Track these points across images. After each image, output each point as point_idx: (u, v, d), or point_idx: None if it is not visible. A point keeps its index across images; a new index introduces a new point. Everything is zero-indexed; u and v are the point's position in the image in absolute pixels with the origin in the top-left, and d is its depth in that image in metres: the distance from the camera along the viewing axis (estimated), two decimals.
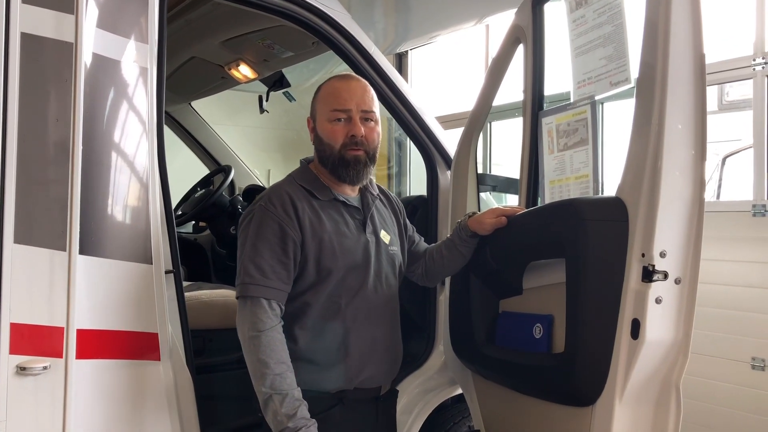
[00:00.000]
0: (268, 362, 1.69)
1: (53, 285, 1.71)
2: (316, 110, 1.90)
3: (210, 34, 3.03)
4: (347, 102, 1.84)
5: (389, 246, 1.97)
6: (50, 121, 1.72)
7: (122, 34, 1.85)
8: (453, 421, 2.60)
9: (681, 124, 1.57)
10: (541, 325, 1.86)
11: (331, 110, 1.85)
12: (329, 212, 1.86)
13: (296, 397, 1.69)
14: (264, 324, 1.72)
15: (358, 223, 1.90)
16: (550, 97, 2.31)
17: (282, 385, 1.68)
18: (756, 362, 3.16)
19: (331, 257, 1.81)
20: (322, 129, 1.88)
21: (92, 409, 1.78)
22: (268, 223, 1.78)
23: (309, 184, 1.88)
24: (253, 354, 1.71)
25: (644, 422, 1.65)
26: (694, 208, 1.57)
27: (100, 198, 1.81)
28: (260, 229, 1.78)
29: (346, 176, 1.87)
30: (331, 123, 1.85)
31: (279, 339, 1.73)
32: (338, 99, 1.85)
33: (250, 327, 1.73)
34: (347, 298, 1.84)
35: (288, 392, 1.68)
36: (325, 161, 1.88)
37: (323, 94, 1.89)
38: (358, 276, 1.86)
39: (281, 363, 1.70)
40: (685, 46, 1.57)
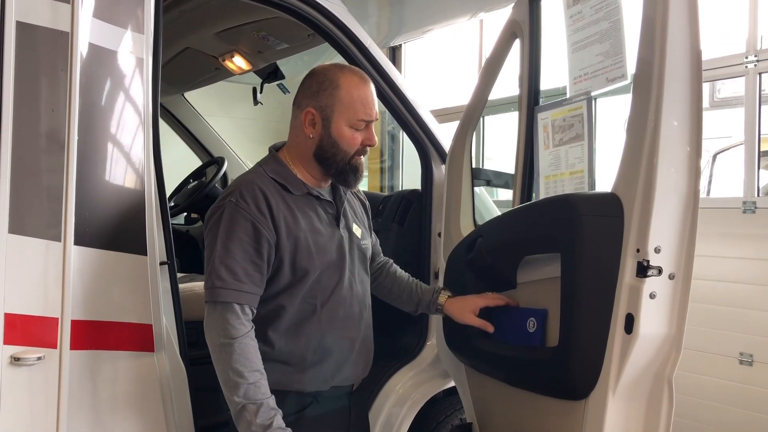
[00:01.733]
0: (242, 371, 1.61)
1: (48, 275, 1.70)
2: (334, 110, 1.75)
3: (204, 25, 3.01)
4: (373, 112, 1.78)
5: (361, 240, 1.91)
6: (46, 111, 1.71)
7: (118, 23, 1.84)
8: (445, 413, 2.61)
9: (677, 121, 1.57)
10: (535, 319, 1.87)
11: (359, 119, 1.76)
12: (303, 208, 1.78)
13: (271, 406, 1.62)
14: (237, 331, 1.63)
15: (331, 218, 1.84)
16: (546, 92, 2.32)
17: (256, 395, 1.61)
18: (744, 357, 3.20)
19: (308, 257, 1.74)
20: (339, 132, 1.76)
21: (86, 400, 1.78)
22: (239, 222, 1.67)
23: (281, 177, 1.78)
24: (225, 362, 1.63)
25: (637, 416, 1.66)
26: (689, 204, 1.57)
27: (96, 189, 1.80)
28: (231, 228, 1.67)
29: (353, 182, 1.82)
30: (351, 130, 1.76)
31: (252, 346, 1.65)
32: (366, 108, 1.77)
33: (221, 334, 1.64)
34: (322, 298, 1.78)
35: (263, 401, 1.61)
36: (333, 164, 1.79)
37: (349, 98, 1.75)
38: (333, 275, 1.80)
39: (255, 371, 1.63)
40: (682, 43, 1.57)
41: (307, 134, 1.79)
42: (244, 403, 1.61)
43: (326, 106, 1.76)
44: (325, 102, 1.76)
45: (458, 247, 2.23)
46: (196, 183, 3.70)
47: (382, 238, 2.69)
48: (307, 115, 1.78)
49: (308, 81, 1.81)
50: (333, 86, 1.76)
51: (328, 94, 1.76)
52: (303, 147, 1.81)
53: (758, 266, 3.17)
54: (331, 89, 1.76)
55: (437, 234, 2.53)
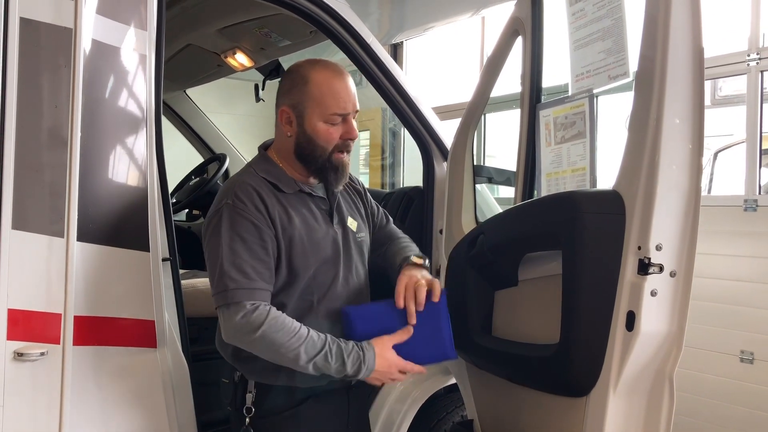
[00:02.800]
0: (290, 343, 1.62)
1: (51, 271, 1.71)
2: (306, 106, 1.74)
3: (206, 22, 3.01)
4: (348, 105, 1.75)
5: (357, 233, 1.90)
6: (49, 107, 1.72)
7: (121, 20, 1.84)
8: (446, 410, 2.62)
9: (679, 119, 1.58)
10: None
11: (332, 113, 1.73)
12: (296, 206, 1.77)
13: (341, 347, 1.66)
14: (260, 318, 1.63)
15: (325, 215, 1.83)
16: (548, 89, 2.32)
17: (317, 346, 1.64)
18: (745, 355, 3.20)
19: (302, 255, 1.73)
20: (313, 128, 1.74)
21: (89, 396, 1.79)
22: (240, 222, 1.67)
23: (272, 176, 1.77)
24: (272, 350, 1.63)
25: (638, 413, 1.66)
26: (691, 202, 1.58)
27: (98, 185, 1.81)
28: (233, 229, 1.67)
29: (333, 180, 1.79)
30: (326, 125, 1.74)
31: (279, 318, 1.65)
32: (339, 101, 1.73)
33: (249, 331, 1.63)
34: (319, 294, 1.77)
35: (325, 350, 1.64)
36: (312, 161, 1.77)
37: (319, 92, 1.73)
38: (329, 271, 1.79)
39: (298, 335, 1.63)
40: (685, 41, 1.57)
41: (285, 133, 1.79)
42: (314, 360, 1.63)
43: (298, 103, 1.75)
44: (297, 99, 1.75)
45: (460, 244, 2.23)
46: (198, 180, 3.71)
47: None
48: (282, 114, 1.78)
49: (283, 79, 1.81)
50: (303, 82, 1.74)
51: (299, 90, 1.75)
52: (285, 146, 1.81)
53: (759, 264, 3.17)
54: (301, 85, 1.75)
55: (439, 231, 2.54)
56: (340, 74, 1.76)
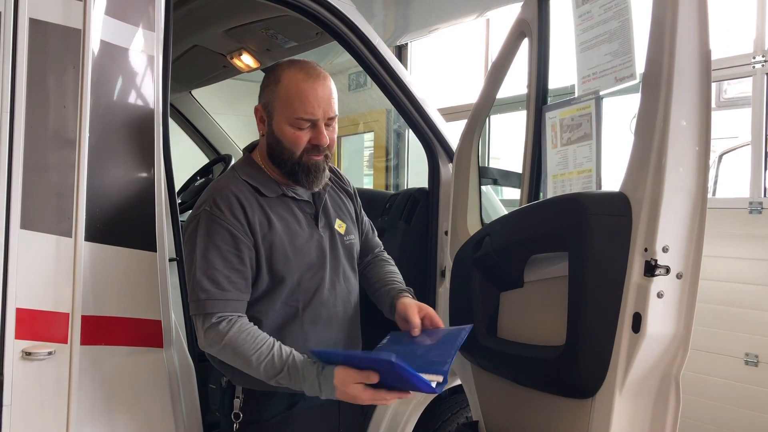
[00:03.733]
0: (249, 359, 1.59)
1: (59, 271, 1.72)
2: (275, 107, 1.69)
3: (213, 23, 3.02)
4: (315, 111, 1.67)
5: (345, 236, 1.86)
6: (57, 107, 1.72)
7: (130, 21, 1.85)
8: (451, 411, 2.62)
9: (686, 121, 1.58)
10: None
11: (296, 117, 1.67)
12: (278, 210, 1.73)
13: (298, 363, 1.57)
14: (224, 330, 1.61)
15: (310, 218, 1.79)
16: (554, 91, 2.32)
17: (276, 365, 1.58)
18: (749, 358, 3.19)
19: (284, 261, 1.70)
20: (281, 131, 1.70)
21: (96, 395, 1.79)
22: (216, 230, 1.64)
23: (254, 179, 1.73)
24: (234, 361, 1.63)
25: (643, 415, 1.66)
26: (697, 204, 1.58)
27: (106, 185, 1.81)
28: (209, 238, 1.64)
29: (305, 182, 1.73)
30: (293, 128, 1.68)
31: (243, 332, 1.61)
32: (305, 106, 1.66)
33: (214, 342, 1.62)
34: (304, 300, 1.74)
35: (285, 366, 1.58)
36: (281, 163, 1.73)
37: (286, 94, 1.67)
38: (314, 276, 1.75)
39: (257, 350, 1.59)
40: (692, 43, 1.58)
41: (260, 132, 1.77)
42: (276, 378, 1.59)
43: (268, 103, 1.72)
44: (268, 99, 1.72)
45: (465, 245, 2.24)
46: (203, 180, 3.71)
47: (388, 236, 2.71)
48: (256, 112, 1.76)
49: (263, 81, 1.78)
50: (275, 82, 1.70)
51: (270, 90, 1.71)
52: (262, 146, 1.79)
53: (764, 267, 3.16)
54: (273, 86, 1.70)
55: (444, 232, 2.54)
56: (314, 78, 1.68)
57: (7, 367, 1.65)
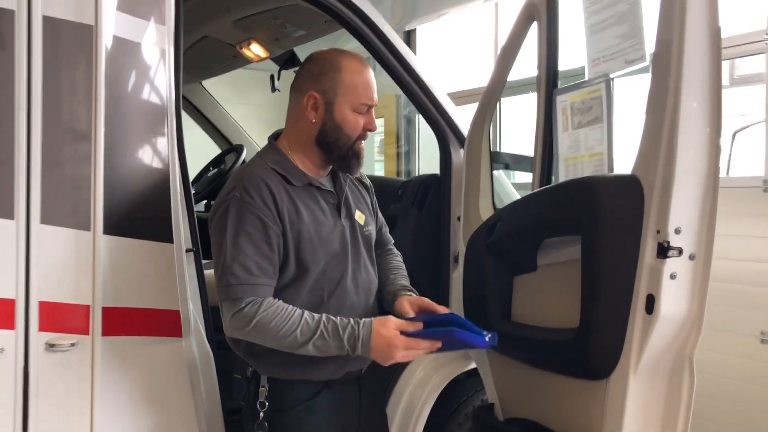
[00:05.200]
0: (283, 330, 1.62)
1: (79, 264, 1.75)
2: (338, 93, 1.74)
3: (222, 14, 3.03)
4: (373, 96, 1.78)
5: (364, 227, 1.89)
6: (72, 103, 1.75)
7: (141, 16, 1.87)
8: (467, 394, 2.64)
9: (696, 101, 1.57)
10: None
11: (362, 102, 1.75)
12: (304, 199, 1.76)
13: (335, 321, 1.63)
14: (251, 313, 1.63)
15: (333, 208, 1.82)
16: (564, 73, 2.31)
17: (312, 328, 1.62)
18: (765, 336, 3.19)
19: (311, 250, 1.73)
20: (342, 116, 1.75)
21: (118, 385, 1.84)
22: (247, 217, 1.66)
23: (282, 168, 1.75)
24: (266, 337, 1.64)
25: (658, 395, 1.67)
26: (709, 185, 1.58)
27: (123, 178, 1.84)
28: (239, 224, 1.66)
29: (355, 167, 1.82)
30: (354, 114, 1.76)
31: (272, 305, 1.64)
32: (368, 92, 1.76)
33: (244, 324, 1.64)
34: (329, 289, 1.77)
35: (320, 330, 1.62)
36: (335, 149, 1.77)
37: (352, 82, 1.74)
38: (338, 265, 1.78)
39: (289, 319, 1.63)
40: (701, 22, 1.56)
41: (309, 119, 1.77)
42: (320, 344, 1.62)
43: (329, 89, 1.74)
44: (327, 85, 1.74)
45: (478, 231, 2.24)
46: (216, 171, 3.74)
47: (401, 223, 2.73)
48: (309, 98, 1.76)
49: (308, 65, 1.81)
50: (335, 70, 1.74)
51: (331, 77, 1.74)
52: (304, 132, 1.79)
53: None
54: (333, 73, 1.74)
55: (457, 218, 2.55)
56: (368, 66, 1.79)
57: (32, 359, 1.70)
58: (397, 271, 2.04)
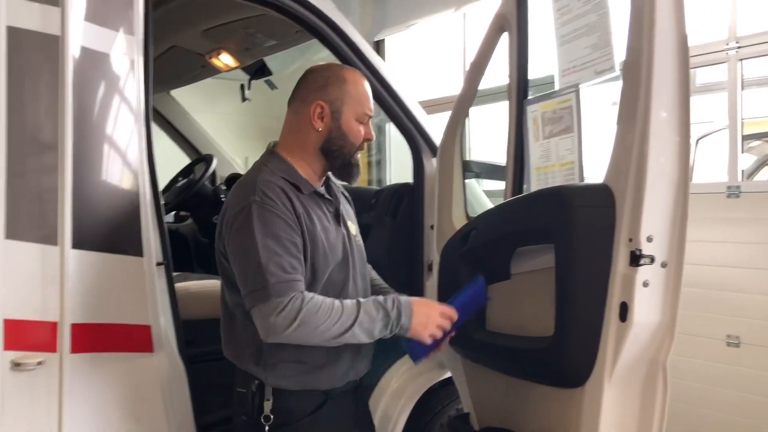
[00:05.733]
0: (329, 318, 1.64)
1: (46, 280, 1.71)
2: (344, 102, 1.80)
3: (191, 23, 3.00)
4: (372, 107, 1.87)
5: (355, 236, 1.94)
6: (39, 115, 1.71)
7: (109, 26, 1.84)
8: (442, 404, 2.64)
9: (666, 111, 1.60)
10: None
11: (364, 112, 1.83)
12: (312, 207, 1.79)
13: (376, 300, 1.72)
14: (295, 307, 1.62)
15: (332, 216, 1.86)
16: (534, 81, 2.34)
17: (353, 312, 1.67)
18: (731, 339, 3.25)
19: (323, 255, 1.76)
20: (348, 125, 1.81)
21: (88, 403, 1.79)
22: (272, 219, 1.67)
23: (289, 176, 1.78)
24: (312, 330, 1.63)
25: (632, 401, 1.69)
26: (680, 193, 1.60)
27: (91, 192, 1.81)
28: (266, 227, 1.66)
29: (355, 176, 1.87)
30: (358, 123, 1.83)
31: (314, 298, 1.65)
32: (369, 102, 1.85)
33: (288, 323, 1.61)
34: (334, 295, 1.77)
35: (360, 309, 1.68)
36: (338, 157, 1.82)
37: (357, 92, 1.82)
38: (341, 272, 1.82)
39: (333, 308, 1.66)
40: (670, 32, 1.59)
41: (316, 127, 1.80)
42: (367, 324, 1.68)
43: (336, 99, 1.80)
44: (334, 95, 1.80)
45: (452, 239, 2.25)
46: (186, 181, 3.69)
47: (375, 232, 2.72)
48: (316, 108, 1.80)
49: (312, 77, 1.85)
50: (341, 80, 1.82)
51: (338, 87, 1.81)
52: (308, 141, 1.82)
53: (743, 250, 3.21)
54: (339, 83, 1.81)
55: (430, 227, 2.55)
56: (366, 79, 1.89)
57: None
58: (380, 281, 2.10)
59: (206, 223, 3.58)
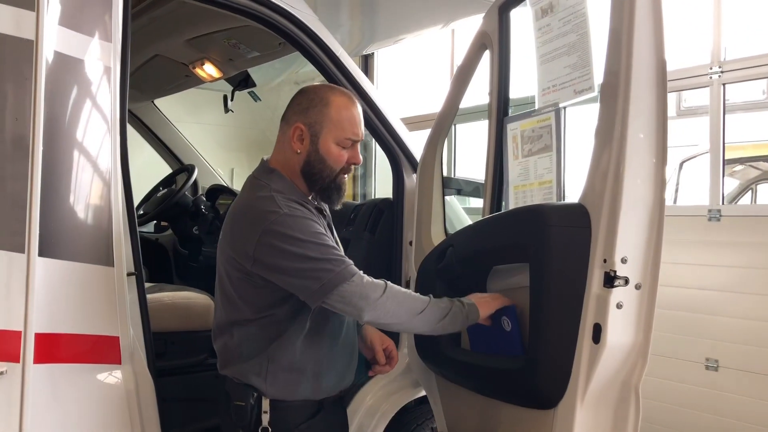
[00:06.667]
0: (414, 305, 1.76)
1: (11, 288, 1.67)
2: (323, 126, 1.79)
3: (174, 33, 2.99)
4: (359, 132, 1.84)
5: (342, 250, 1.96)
6: (9, 119, 1.68)
7: (85, 32, 1.82)
8: (416, 422, 2.61)
9: (643, 133, 1.60)
10: (507, 317, 1.87)
11: (346, 137, 1.81)
12: (318, 220, 1.81)
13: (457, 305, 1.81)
14: (378, 284, 1.72)
15: (327, 230, 1.86)
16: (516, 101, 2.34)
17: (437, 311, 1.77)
18: (710, 363, 3.25)
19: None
20: (326, 149, 1.80)
21: (51, 415, 1.75)
22: (306, 223, 1.71)
23: (294, 192, 1.80)
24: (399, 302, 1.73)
25: (604, 424, 1.67)
26: (655, 215, 1.60)
27: (61, 199, 1.77)
28: (301, 230, 1.68)
29: (336, 199, 1.86)
30: (338, 147, 1.81)
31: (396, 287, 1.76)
32: (354, 127, 1.82)
33: (378, 294, 1.70)
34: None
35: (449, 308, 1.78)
36: (317, 180, 1.82)
37: (338, 117, 1.80)
38: None
39: (417, 298, 1.78)
40: (648, 55, 1.60)
41: (295, 149, 1.81)
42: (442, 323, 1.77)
43: (315, 122, 1.80)
44: (314, 118, 1.80)
45: (429, 256, 2.24)
46: (166, 191, 3.66)
47: (353, 247, 2.70)
48: (295, 130, 1.80)
49: (298, 98, 1.85)
50: (323, 104, 1.80)
51: (318, 110, 1.80)
52: (292, 162, 1.83)
53: (723, 273, 3.22)
54: (321, 106, 1.80)
55: (409, 242, 2.54)
56: (356, 103, 1.86)
57: None
58: None
59: (186, 234, 3.55)
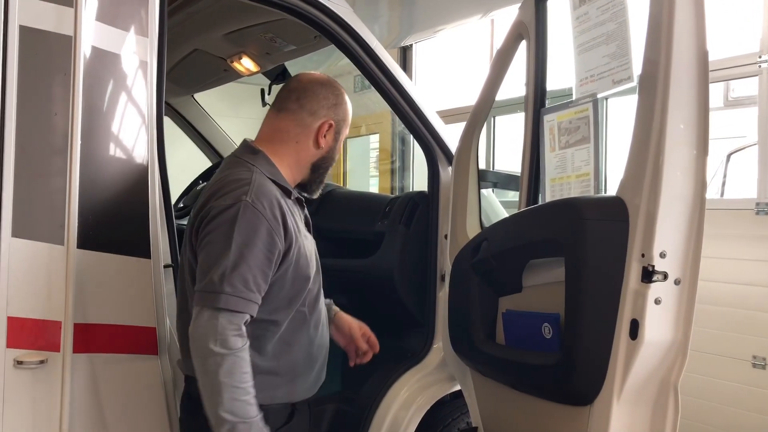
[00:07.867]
0: (235, 387, 1.52)
1: (51, 279, 1.71)
2: (342, 125, 1.85)
3: (212, 27, 3.01)
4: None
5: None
6: (49, 114, 1.72)
7: (122, 27, 1.85)
8: (451, 417, 2.59)
9: (683, 124, 1.55)
10: (549, 324, 1.83)
11: (347, 135, 1.90)
12: (295, 212, 1.75)
13: (260, 427, 1.55)
14: (236, 343, 1.53)
15: (304, 223, 1.82)
16: (553, 93, 2.29)
17: (248, 413, 1.53)
18: (757, 360, 3.16)
19: (306, 265, 1.72)
20: (340, 145, 1.88)
21: (89, 404, 1.79)
22: (258, 228, 1.59)
23: (279, 179, 1.72)
24: (216, 375, 1.51)
25: (642, 422, 1.64)
26: (695, 208, 1.55)
27: (99, 192, 1.81)
28: (249, 233, 1.58)
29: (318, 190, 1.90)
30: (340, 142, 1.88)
31: (247, 361, 1.55)
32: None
33: (218, 342, 1.52)
34: (310, 306, 1.76)
35: (253, 421, 1.54)
36: (321, 173, 1.86)
37: (349, 114, 1.88)
38: (316, 280, 1.78)
39: (248, 388, 1.55)
40: (689, 44, 1.55)
41: (320, 144, 1.80)
42: (235, 422, 1.51)
43: (341, 120, 1.84)
44: (341, 116, 1.84)
45: (463, 249, 2.22)
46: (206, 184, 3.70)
47: (388, 241, 2.69)
48: (325, 125, 1.79)
49: (324, 92, 1.80)
50: (344, 102, 1.85)
51: (343, 109, 1.84)
52: (304, 154, 1.80)
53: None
54: (344, 105, 1.85)
55: (444, 236, 2.52)
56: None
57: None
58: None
59: None
